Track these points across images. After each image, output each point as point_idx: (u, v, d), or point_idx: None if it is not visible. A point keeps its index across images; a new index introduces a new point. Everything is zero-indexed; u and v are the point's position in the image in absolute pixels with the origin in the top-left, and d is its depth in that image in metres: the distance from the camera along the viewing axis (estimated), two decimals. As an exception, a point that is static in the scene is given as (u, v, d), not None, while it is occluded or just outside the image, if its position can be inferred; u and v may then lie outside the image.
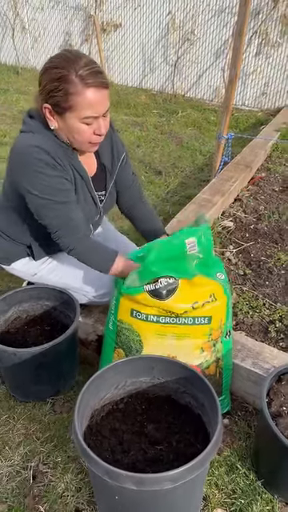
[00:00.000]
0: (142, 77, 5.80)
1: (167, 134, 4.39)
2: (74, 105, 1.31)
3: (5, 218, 1.64)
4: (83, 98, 1.30)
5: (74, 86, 1.29)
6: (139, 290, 1.40)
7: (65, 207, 1.45)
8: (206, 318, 1.46)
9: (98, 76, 1.31)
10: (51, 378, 1.60)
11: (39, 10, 6.05)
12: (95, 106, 1.33)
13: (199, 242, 1.40)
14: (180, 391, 1.30)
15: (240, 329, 1.93)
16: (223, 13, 4.97)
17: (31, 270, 1.72)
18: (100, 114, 1.36)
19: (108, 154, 1.62)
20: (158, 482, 0.95)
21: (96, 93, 1.31)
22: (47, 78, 1.32)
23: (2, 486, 1.34)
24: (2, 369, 1.61)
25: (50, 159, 1.39)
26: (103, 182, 1.65)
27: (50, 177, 1.40)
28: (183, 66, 5.46)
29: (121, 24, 5.60)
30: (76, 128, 1.37)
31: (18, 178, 1.43)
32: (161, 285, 1.38)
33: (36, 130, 1.42)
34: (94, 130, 1.39)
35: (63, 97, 1.31)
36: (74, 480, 1.35)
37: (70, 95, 1.30)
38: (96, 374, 1.19)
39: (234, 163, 3.27)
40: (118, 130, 4.36)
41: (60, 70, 1.29)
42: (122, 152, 1.65)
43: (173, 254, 1.38)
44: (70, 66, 1.28)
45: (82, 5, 5.71)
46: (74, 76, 1.28)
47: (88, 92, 1.30)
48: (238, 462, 1.41)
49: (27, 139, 1.41)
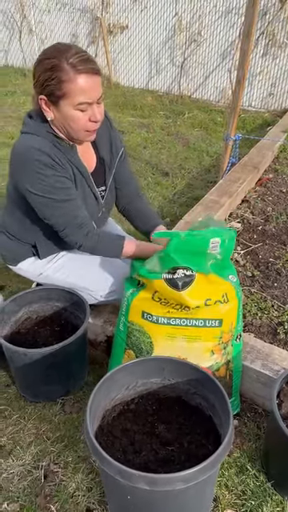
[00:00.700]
0: (149, 78, 5.81)
1: (174, 136, 4.40)
2: (68, 92, 1.36)
3: (10, 218, 1.68)
4: (75, 84, 1.35)
5: (66, 74, 1.34)
6: (157, 276, 1.41)
7: (68, 205, 1.48)
8: (217, 321, 1.47)
9: (88, 63, 1.36)
10: (61, 379, 1.61)
11: (46, 12, 6.09)
12: (88, 92, 1.37)
13: (222, 244, 1.41)
14: (191, 392, 1.30)
15: (249, 330, 1.93)
16: (230, 14, 4.98)
17: (37, 270, 1.74)
18: (93, 100, 1.40)
19: (107, 148, 1.65)
20: (170, 483, 0.96)
21: (87, 79, 1.36)
22: (40, 69, 1.38)
23: (14, 485, 1.36)
24: (13, 369, 1.63)
25: (49, 160, 1.43)
26: (103, 177, 1.67)
27: (49, 177, 1.43)
28: (190, 68, 5.46)
29: (127, 26, 5.62)
30: (71, 116, 1.41)
31: (19, 178, 1.47)
32: (178, 275, 1.39)
33: (35, 131, 1.46)
34: (89, 117, 1.43)
35: (56, 85, 1.35)
36: (85, 480, 1.36)
37: (63, 83, 1.35)
38: (107, 374, 1.20)
39: (242, 164, 3.27)
40: (124, 132, 4.39)
41: (52, 60, 1.34)
42: (120, 147, 1.69)
43: (194, 249, 1.39)
44: (61, 55, 1.34)
45: (89, 7, 5.74)
46: (65, 64, 1.33)
47: (80, 78, 1.35)
48: (248, 464, 1.41)
49: (27, 140, 1.45)
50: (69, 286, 1.71)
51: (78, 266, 1.73)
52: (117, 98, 5.41)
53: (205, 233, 1.40)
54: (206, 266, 1.43)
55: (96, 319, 1.78)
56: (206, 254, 1.39)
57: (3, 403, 1.63)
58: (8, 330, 1.67)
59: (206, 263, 1.41)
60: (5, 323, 1.65)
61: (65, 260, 1.74)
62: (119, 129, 4.45)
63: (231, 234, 1.44)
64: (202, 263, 1.42)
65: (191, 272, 1.40)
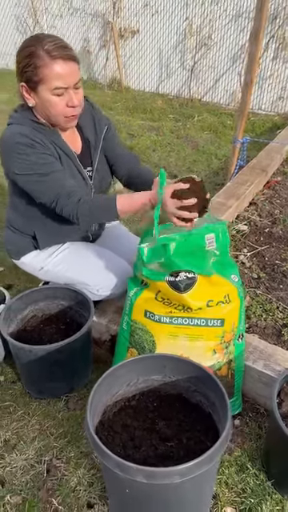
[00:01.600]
0: (159, 82, 5.85)
1: (183, 139, 4.42)
2: (44, 77, 1.42)
3: (12, 211, 1.74)
4: (51, 69, 1.40)
5: (42, 59, 1.40)
6: (160, 278, 1.43)
7: (53, 177, 1.51)
8: (219, 321, 1.48)
9: (63, 49, 1.42)
10: (65, 376, 1.64)
11: (58, 17, 6.17)
12: (63, 77, 1.42)
13: (217, 239, 1.43)
14: (191, 390, 1.32)
15: (253, 332, 1.93)
16: (240, 17, 5.00)
17: (39, 264, 1.78)
18: (69, 86, 1.45)
19: (91, 129, 1.70)
20: (167, 476, 0.98)
21: (63, 64, 1.41)
22: (20, 57, 1.45)
23: (17, 478, 1.38)
24: (19, 366, 1.66)
25: (28, 140, 1.48)
26: (89, 158, 1.71)
27: (30, 155, 1.48)
28: (200, 71, 5.49)
29: (138, 30, 5.67)
30: (48, 100, 1.46)
31: (6, 165, 1.53)
32: (181, 278, 1.41)
33: (18, 120, 1.53)
34: (67, 102, 1.47)
35: (33, 71, 1.41)
36: (87, 475, 1.38)
37: (39, 68, 1.41)
38: (108, 370, 1.22)
39: (250, 167, 3.28)
40: (134, 135, 4.43)
41: (29, 48, 1.41)
42: (103, 127, 1.72)
43: (192, 249, 1.41)
44: (38, 43, 1.40)
45: (100, 12, 5.80)
46: (41, 51, 1.39)
47: (55, 64, 1.40)
48: (249, 463, 1.42)
49: (9, 129, 1.52)
50: (68, 281, 1.75)
51: (77, 261, 1.76)
52: (127, 102, 5.46)
53: (199, 230, 1.42)
54: (209, 266, 1.44)
55: (101, 318, 1.80)
56: (205, 252, 1.41)
57: (9, 399, 1.66)
58: (14, 327, 1.70)
59: (208, 262, 1.43)
60: (11, 321, 1.68)
61: (65, 254, 1.77)
62: (129, 132, 4.50)
63: (223, 227, 1.46)
64: (204, 263, 1.43)
65: (193, 274, 1.42)
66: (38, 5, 6.21)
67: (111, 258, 1.79)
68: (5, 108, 5.22)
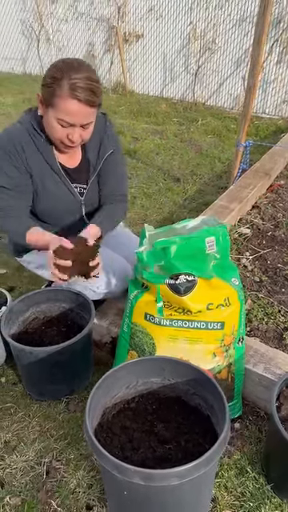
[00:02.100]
0: (163, 86, 5.88)
1: (187, 142, 4.43)
2: (55, 105, 1.43)
3: None
4: (64, 103, 1.41)
5: (61, 90, 1.40)
6: (160, 280, 1.43)
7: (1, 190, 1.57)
8: (219, 324, 1.48)
9: (85, 92, 1.40)
10: (66, 378, 1.64)
11: (63, 21, 6.22)
12: (72, 116, 1.44)
13: (217, 242, 1.43)
14: (190, 393, 1.32)
15: (254, 335, 1.93)
16: (244, 22, 5.02)
17: (39, 262, 1.80)
18: (76, 124, 1.46)
19: (95, 151, 1.71)
20: (165, 478, 0.98)
21: (77, 105, 1.42)
22: (48, 72, 1.45)
23: (17, 480, 1.39)
24: (20, 367, 1.67)
25: (11, 147, 1.53)
26: (85, 174, 1.72)
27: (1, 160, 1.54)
28: (204, 75, 5.51)
29: (143, 34, 5.70)
30: (52, 124, 1.49)
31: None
32: (181, 281, 1.41)
33: (23, 120, 1.58)
34: (68, 134, 1.49)
35: (50, 93, 1.43)
36: (86, 477, 1.39)
37: (55, 96, 1.42)
38: (108, 372, 1.23)
39: (253, 170, 3.28)
40: (138, 138, 4.45)
41: (58, 72, 1.41)
42: (108, 150, 1.72)
43: (193, 252, 1.41)
44: (68, 72, 1.39)
45: (105, 16, 5.84)
46: (65, 82, 1.39)
47: (69, 101, 1.41)
48: (248, 466, 1.42)
49: (9, 127, 1.58)
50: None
51: None
52: (131, 106, 5.48)
53: (199, 233, 1.43)
54: (209, 269, 1.45)
55: (102, 320, 1.81)
56: (206, 255, 1.41)
57: (10, 401, 1.67)
58: (16, 329, 1.71)
59: (208, 265, 1.43)
60: (13, 323, 1.69)
61: None
62: (133, 135, 4.52)
63: (224, 230, 1.46)
64: (205, 266, 1.44)
65: (193, 277, 1.42)
66: (44, 9, 6.26)
67: (111, 256, 1.80)
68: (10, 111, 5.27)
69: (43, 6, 6.25)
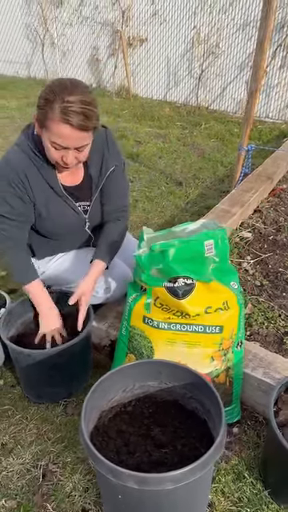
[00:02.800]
0: (167, 90, 5.89)
1: (189, 146, 4.43)
2: (48, 127, 1.37)
3: None
4: (56, 127, 1.35)
5: (53, 113, 1.33)
6: (159, 283, 1.43)
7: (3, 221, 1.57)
8: (218, 328, 1.47)
9: (79, 117, 1.33)
10: (64, 380, 1.64)
11: (68, 25, 6.25)
12: (64, 140, 1.38)
13: (216, 246, 1.43)
14: (187, 396, 1.31)
15: (254, 339, 1.92)
16: (248, 26, 5.02)
17: (40, 269, 1.79)
18: (70, 147, 1.41)
19: (97, 167, 1.66)
20: (160, 482, 0.97)
21: (70, 129, 1.35)
22: (42, 93, 1.38)
23: (13, 482, 1.38)
24: (18, 370, 1.67)
25: (14, 176, 1.51)
26: (89, 192, 1.68)
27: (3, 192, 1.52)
28: (207, 79, 5.52)
29: (146, 38, 5.72)
30: (46, 146, 1.44)
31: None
32: (179, 284, 1.41)
33: (22, 144, 1.54)
34: (62, 156, 1.44)
35: (43, 116, 1.37)
36: (82, 480, 1.38)
37: (47, 119, 1.35)
38: (104, 375, 1.22)
39: (255, 174, 3.28)
40: (141, 142, 4.45)
41: (50, 94, 1.34)
42: (110, 166, 1.68)
43: (191, 255, 1.41)
44: (61, 94, 1.32)
45: (110, 20, 5.87)
46: (57, 105, 1.32)
47: (62, 126, 1.34)
48: (246, 471, 1.41)
49: (8, 152, 1.55)
50: (68, 283, 1.77)
51: (77, 264, 1.78)
52: (135, 110, 5.49)
53: (198, 236, 1.42)
54: (208, 273, 1.44)
55: (100, 323, 1.81)
56: (205, 258, 1.40)
57: (7, 403, 1.67)
58: (14, 331, 1.71)
59: (207, 269, 1.43)
60: (11, 325, 1.69)
61: (64, 259, 1.80)
62: (136, 139, 4.53)
63: (223, 233, 1.45)
64: (203, 270, 1.43)
65: (192, 281, 1.42)
66: (48, 13, 6.30)
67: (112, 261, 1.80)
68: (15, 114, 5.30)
69: (48, 10, 6.29)
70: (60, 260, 1.79)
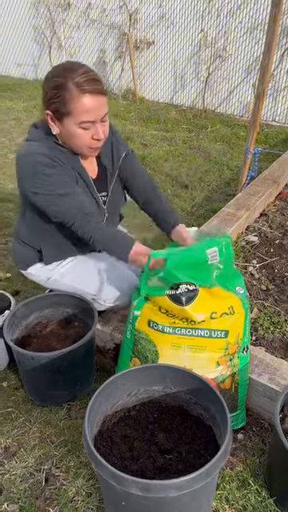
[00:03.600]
0: (173, 93, 5.89)
1: (195, 149, 4.43)
2: (71, 110, 1.40)
3: (21, 223, 1.75)
4: (79, 103, 1.39)
5: (71, 93, 1.38)
6: (161, 293, 1.41)
7: (72, 198, 1.51)
8: (223, 332, 1.46)
9: (93, 83, 1.39)
10: (68, 384, 1.63)
11: (75, 28, 6.27)
12: (91, 112, 1.41)
13: (220, 253, 1.41)
14: (192, 402, 1.30)
15: (260, 344, 1.91)
16: (255, 30, 5.02)
17: (46, 275, 1.78)
18: (97, 119, 1.44)
19: (109, 155, 1.69)
20: (163, 489, 0.96)
21: (91, 98, 1.40)
22: (47, 86, 1.42)
23: (16, 486, 1.37)
24: (22, 372, 1.66)
25: (49, 160, 1.48)
26: (105, 182, 1.71)
27: (50, 175, 1.47)
28: (214, 82, 5.51)
29: (153, 41, 5.73)
30: (74, 132, 1.45)
31: (23, 182, 1.53)
32: (181, 290, 1.39)
33: (38, 138, 1.52)
34: (92, 135, 1.47)
35: (61, 103, 1.40)
36: (85, 485, 1.37)
37: (67, 101, 1.39)
38: (109, 379, 1.21)
39: (262, 178, 3.26)
40: (147, 145, 4.45)
41: (58, 79, 1.39)
42: (122, 153, 1.71)
43: (193, 262, 1.39)
44: (68, 74, 1.38)
45: (117, 23, 5.88)
46: (70, 83, 1.37)
47: (84, 98, 1.39)
48: (251, 478, 1.39)
49: (29, 147, 1.51)
50: (74, 291, 1.75)
51: (84, 272, 1.76)
52: (141, 112, 5.50)
53: (200, 245, 1.41)
54: (211, 279, 1.42)
55: (105, 326, 1.80)
56: (208, 265, 1.39)
57: (11, 406, 1.66)
58: (19, 333, 1.71)
59: (211, 275, 1.41)
60: (16, 327, 1.69)
61: (71, 265, 1.78)
62: (142, 142, 4.53)
63: (226, 240, 1.44)
64: (207, 276, 1.41)
65: (194, 287, 1.40)
66: (56, 16, 6.32)
67: (118, 268, 1.77)
68: (21, 116, 5.32)
69: (56, 13, 6.31)
70: (66, 267, 1.78)
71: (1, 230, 2.89)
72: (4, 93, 6.28)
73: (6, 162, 4.01)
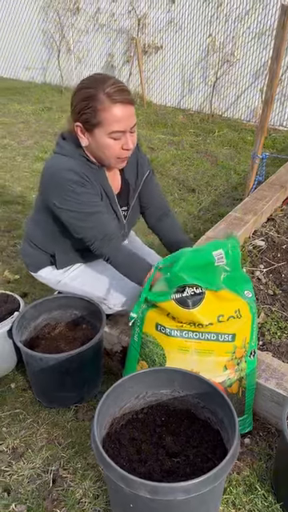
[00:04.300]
0: (181, 97, 5.91)
1: (202, 153, 4.44)
2: (102, 120, 1.42)
3: (35, 228, 1.76)
4: (110, 113, 1.41)
5: (102, 103, 1.40)
6: (166, 298, 1.42)
7: (97, 218, 1.53)
8: (230, 336, 1.46)
9: (123, 93, 1.42)
10: (75, 385, 1.64)
11: (84, 32, 6.31)
12: (122, 121, 1.43)
13: (227, 255, 1.42)
14: (200, 406, 1.31)
15: (267, 349, 1.91)
16: (263, 35, 5.03)
17: (56, 278, 1.80)
18: (127, 129, 1.46)
19: (133, 172, 1.71)
20: (171, 492, 0.97)
21: (122, 108, 1.42)
22: (78, 98, 1.44)
23: (23, 487, 1.38)
24: (30, 373, 1.67)
25: (79, 178, 1.49)
26: (126, 198, 1.73)
27: (80, 194, 1.49)
28: (222, 87, 5.52)
29: (162, 46, 5.75)
30: (104, 143, 1.47)
31: (50, 196, 1.53)
32: (187, 293, 1.40)
33: (68, 152, 1.53)
34: (122, 145, 1.48)
35: (92, 114, 1.42)
36: (92, 487, 1.37)
37: (98, 112, 1.41)
38: (117, 382, 1.22)
39: (269, 183, 3.26)
40: (154, 149, 4.47)
41: (89, 90, 1.41)
42: (146, 171, 1.74)
43: (200, 264, 1.40)
44: (98, 85, 1.41)
45: (125, 28, 5.92)
46: (101, 94, 1.40)
47: (114, 108, 1.41)
48: (258, 483, 1.39)
49: (59, 161, 1.52)
50: (84, 294, 1.76)
51: (93, 276, 1.77)
52: (149, 116, 5.52)
53: (206, 247, 1.42)
54: (218, 282, 1.43)
55: (113, 329, 1.81)
56: (215, 268, 1.39)
57: (19, 407, 1.67)
58: (27, 335, 1.72)
59: (219, 278, 1.42)
60: (24, 328, 1.70)
61: (82, 269, 1.80)
62: (149, 146, 4.54)
63: (233, 242, 1.45)
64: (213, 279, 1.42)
65: (201, 290, 1.41)
66: (65, 20, 6.37)
67: None
68: (30, 119, 5.35)
69: (65, 18, 6.36)
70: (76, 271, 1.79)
71: (9, 232, 2.91)
72: (13, 96, 6.33)
73: (15, 165, 4.04)
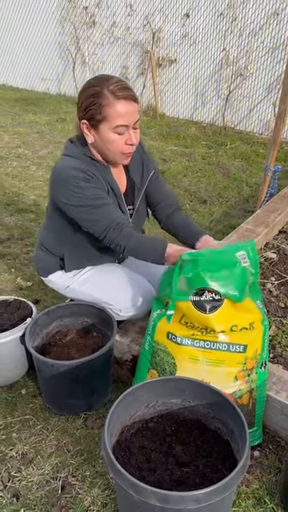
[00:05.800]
0: (194, 110, 5.96)
1: (214, 165, 4.46)
2: (107, 116, 1.50)
3: (46, 234, 1.82)
4: (114, 108, 1.49)
5: (106, 99, 1.48)
6: (185, 298, 1.42)
7: (105, 209, 1.57)
8: (242, 346, 1.47)
9: (126, 90, 1.51)
10: (85, 393, 1.64)
11: (99, 45, 6.42)
12: (125, 116, 1.51)
13: (248, 257, 1.43)
14: (210, 416, 1.30)
15: (278, 362, 1.90)
16: (277, 50, 5.07)
17: (65, 283, 1.83)
18: (130, 124, 1.53)
19: (138, 172, 1.76)
20: (182, 501, 0.97)
21: (125, 104, 1.50)
22: (84, 95, 1.53)
23: (32, 493, 1.39)
24: (41, 380, 1.68)
25: (84, 174, 1.56)
26: (132, 197, 1.78)
27: (85, 188, 1.55)
28: (235, 100, 5.56)
29: (176, 59, 5.83)
30: (109, 138, 1.54)
31: (58, 195, 1.59)
32: (206, 298, 1.41)
33: (74, 153, 1.61)
34: (126, 140, 1.55)
35: (97, 110, 1.50)
36: (101, 495, 1.37)
37: (103, 107, 1.49)
38: (128, 390, 1.23)
39: (281, 195, 3.27)
40: (166, 160, 4.50)
41: (94, 88, 1.50)
42: (151, 170, 1.80)
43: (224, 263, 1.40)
44: (103, 83, 1.50)
45: (140, 41, 6.01)
46: (106, 91, 1.48)
47: (118, 104, 1.49)
48: (267, 496, 1.38)
49: (66, 161, 1.60)
50: (92, 300, 1.78)
51: (102, 281, 1.80)
52: (161, 128, 5.57)
53: (227, 248, 1.43)
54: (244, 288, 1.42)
55: (123, 338, 1.82)
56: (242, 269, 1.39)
57: (29, 413, 1.68)
58: (39, 341, 1.74)
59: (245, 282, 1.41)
60: (36, 335, 1.72)
61: (90, 274, 1.83)
62: (161, 157, 4.58)
63: (252, 243, 1.45)
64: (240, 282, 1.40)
65: (220, 296, 1.41)
66: (81, 33, 6.49)
67: (135, 279, 1.81)
68: (44, 130, 5.43)
69: (81, 31, 6.48)
70: (85, 276, 1.82)
71: (22, 239, 2.95)
72: (28, 106, 6.44)
73: (29, 174, 4.10)
